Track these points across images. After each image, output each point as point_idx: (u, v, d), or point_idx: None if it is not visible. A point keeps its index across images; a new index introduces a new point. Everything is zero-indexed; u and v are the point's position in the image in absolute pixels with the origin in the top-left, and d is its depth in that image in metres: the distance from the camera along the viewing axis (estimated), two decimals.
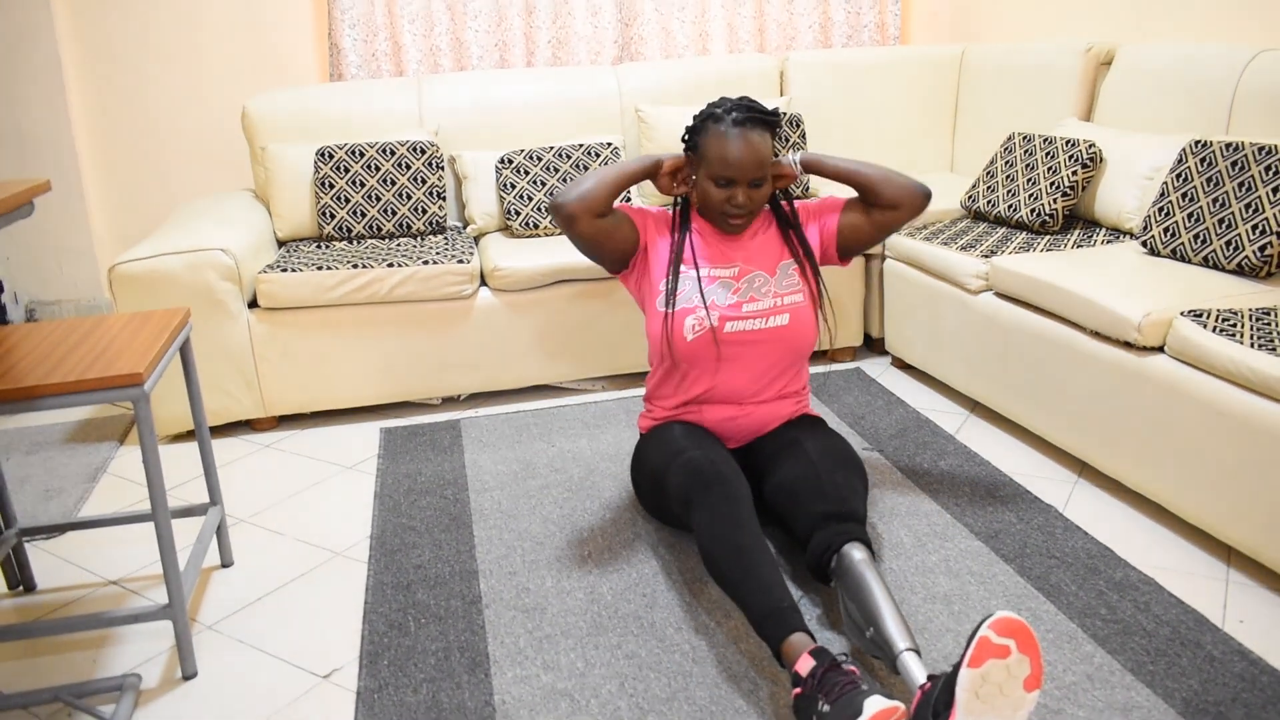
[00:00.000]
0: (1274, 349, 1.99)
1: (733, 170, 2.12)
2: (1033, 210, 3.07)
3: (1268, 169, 2.42)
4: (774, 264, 2.27)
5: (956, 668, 1.53)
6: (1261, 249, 2.39)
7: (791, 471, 2.13)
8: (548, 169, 3.52)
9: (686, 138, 2.24)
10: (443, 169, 3.53)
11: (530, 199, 3.47)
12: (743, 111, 2.13)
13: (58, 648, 2.07)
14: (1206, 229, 2.53)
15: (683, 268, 2.24)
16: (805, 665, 1.65)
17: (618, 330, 3.31)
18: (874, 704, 1.52)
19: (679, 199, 2.31)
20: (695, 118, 2.21)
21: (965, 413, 3.04)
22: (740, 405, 2.29)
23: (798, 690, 1.65)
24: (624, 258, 2.30)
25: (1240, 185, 2.47)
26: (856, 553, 1.87)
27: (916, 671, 1.64)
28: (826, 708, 1.58)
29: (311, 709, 1.84)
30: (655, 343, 2.26)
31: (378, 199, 3.43)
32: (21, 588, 2.31)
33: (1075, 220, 3.19)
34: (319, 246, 3.37)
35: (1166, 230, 2.64)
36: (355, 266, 3.06)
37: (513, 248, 3.27)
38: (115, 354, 1.83)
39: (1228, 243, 2.47)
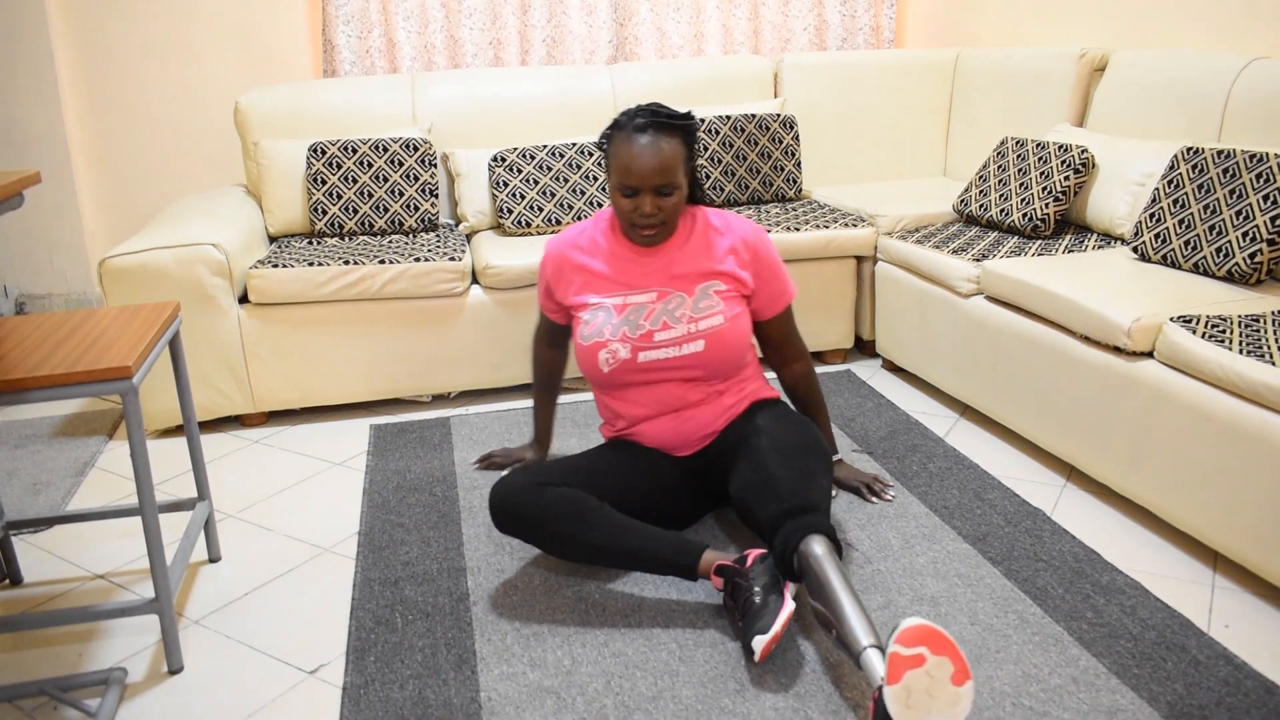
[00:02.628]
0: (1262, 355, 2.00)
1: (635, 178, 2.06)
2: (1025, 215, 3.08)
3: (1259, 176, 2.43)
4: (694, 284, 2.21)
5: (880, 689, 1.57)
6: (1251, 256, 2.40)
7: (743, 475, 2.10)
8: (541, 167, 3.52)
9: (597, 145, 2.21)
10: (435, 166, 3.52)
11: (523, 197, 3.47)
12: (645, 117, 2.08)
13: (44, 641, 2.07)
14: (1197, 235, 2.54)
15: (594, 298, 2.24)
16: (718, 583, 1.98)
17: None
18: (758, 642, 1.79)
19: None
20: (604, 131, 2.19)
21: (955, 416, 3.05)
22: (678, 413, 2.26)
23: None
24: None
25: (1231, 192, 2.49)
26: (816, 547, 1.85)
27: (877, 670, 1.65)
28: (741, 622, 1.90)
29: (298, 704, 1.84)
30: (583, 372, 2.31)
31: (370, 195, 3.43)
32: (8, 581, 2.30)
33: (1067, 225, 3.20)
34: (310, 242, 3.36)
35: (1157, 236, 2.65)
36: (347, 263, 3.05)
37: (505, 246, 3.27)
38: (104, 347, 1.82)
39: (1218, 249, 2.48)
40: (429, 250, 3.17)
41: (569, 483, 2.12)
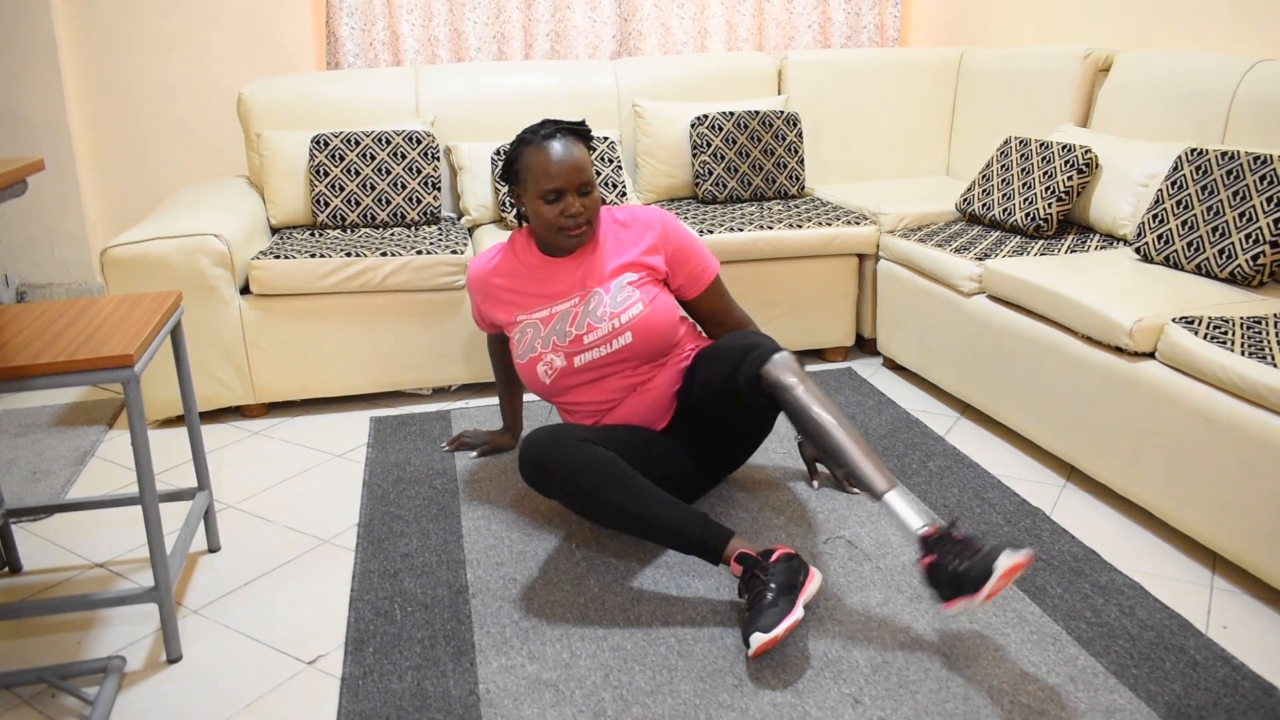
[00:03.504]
0: (1264, 357, 2.00)
1: (558, 180, 2.15)
2: (1027, 214, 3.08)
3: (1262, 178, 2.43)
4: (608, 281, 2.28)
5: (994, 553, 1.73)
6: (1254, 258, 2.40)
7: (696, 376, 2.23)
8: None
9: (502, 175, 2.28)
10: (438, 159, 3.52)
11: None
12: (551, 125, 2.19)
13: (43, 629, 2.07)
14: (1200, 237, 2.54)
15: (520, 315, 2.33)
16: (736, 570, 1.97)
17: None
18: (756, 639, 1.80)
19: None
20: (506, 153, 2.29)
21: (955, 415, 3.05)
22: (635, 393, 2.32)
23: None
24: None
25: (1235, 194, 2.48)
26: (782, 372, 2.02)
27: (909, 516, 1.85)
28: (746, 613, 1.94)
29: (296, 695, 1.84)
30: (530, 389, 2.39)
31: (372, 188, 3.43)
32: (7, 569, 2.30)
33: (1069, 225, 3.20)
34: (312, 234, 3.36)
35: (1160, 237, 2.65)
36: (349, 255, 3.05)
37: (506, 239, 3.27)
38: (106, 335, 1.82)
39: (1221, 251, 2.48)
40: (431, 243, 3.17)
41: (595, 439, 2.13)
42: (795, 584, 1.90)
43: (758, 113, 3.75)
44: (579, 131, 2.22)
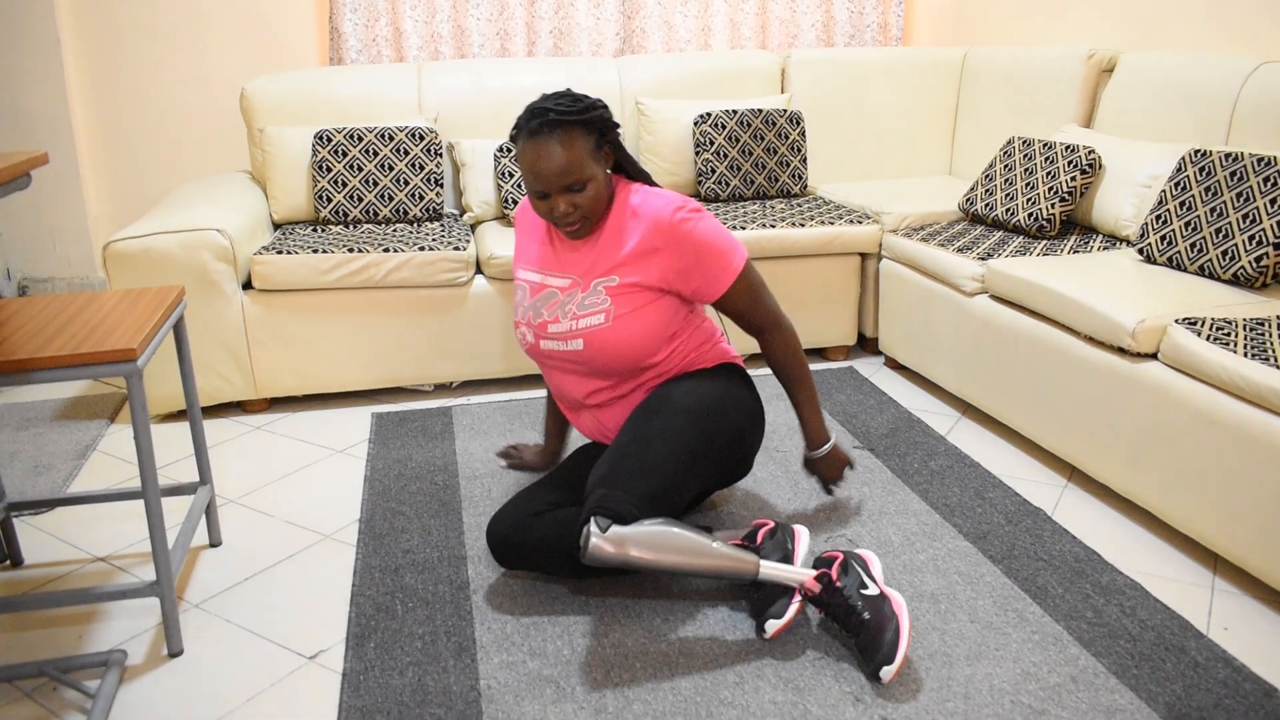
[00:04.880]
0: (1267, 358, 2.00)
1: (541, 182, 1.98)
2: (1030, 215, 3.08)
3: (1266, 180, 2.43)
4: (593, 278, 2.09)
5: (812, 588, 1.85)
6: (1257, 260, 2.40)
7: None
8: None
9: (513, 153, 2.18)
10: (441, 155, 3.52)
11: None
12: (539, 118, 1.97)
13: (44, 622, 2.07)
14: (1203, 238, 2.54)
15: (522, 271, 2.23)
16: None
17: None
18: (771, 625, 1.87)
19: None
20: (510, 132, 2.13)
21: (957, 414, 3.05)
22: (592, 412, 2.21)
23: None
24: None
25: (1238, 196, 2.48)
26: (607, 555, 1.79)
27: (790, 574, 1.88)
28: (755, 595, 1.98)
29: (297, 689, 1.84)
30: None
31: (375, 184, 3.43)
32: (9, 562, 2.30)
33: (1072, 226, 3.20)
34: (315, 230, 3.36)
35: (1163, 238, 2.65)
36: (351, 251, 3.05)
37: (509, 236, 3.27)
38: (109, 329, 1.82)
39: (1224, 252, 2.48)
40: (433, 239, 3.17)
41: (558, 501, 2.09)
42: (787, 555, 1.97)
43: (761, 111, 3.74)
44: (570, 120, 1.97)
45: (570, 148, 1.97)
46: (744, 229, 3.29)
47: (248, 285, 3.09)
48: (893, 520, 2.37)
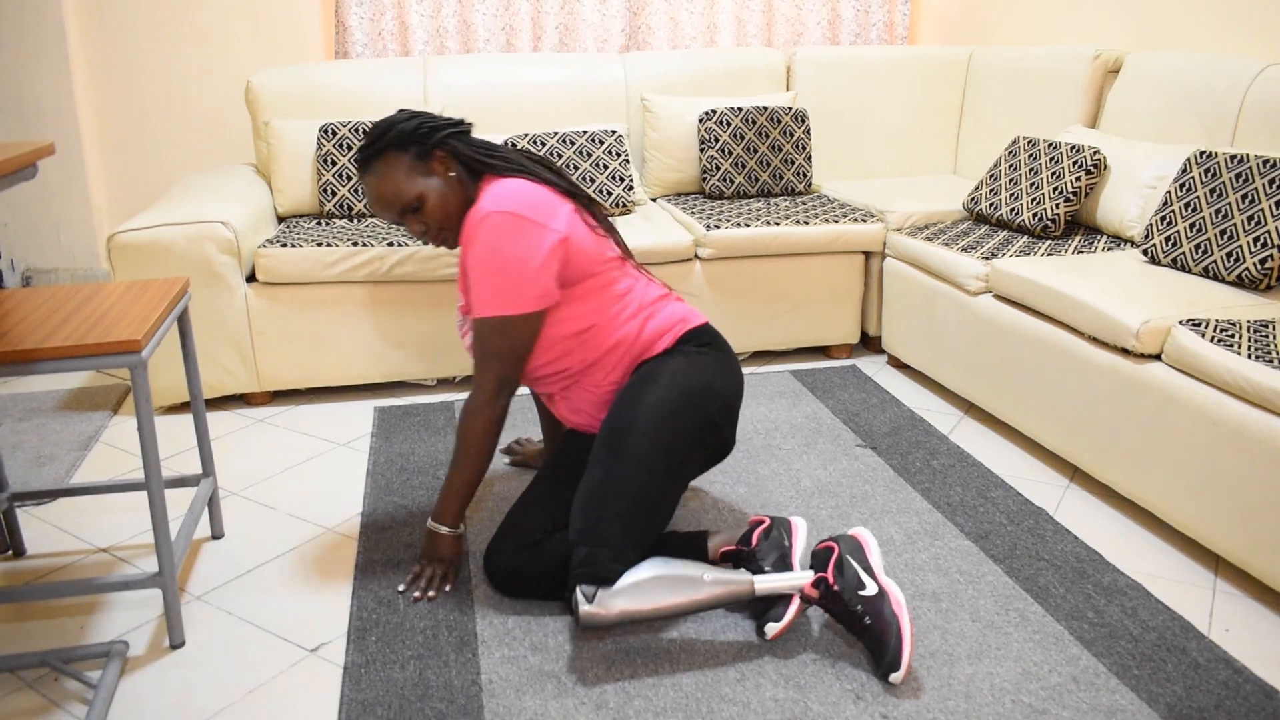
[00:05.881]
0: (1271, 360, 2.00)
1: (381, 215, 2.03)
2: (1035, 214, 3.07)
3: (1271, 182, 2.43)
4: (463, 288, 2.10)
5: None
6: (1262, 261, 2.40)
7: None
8: (551, 155, 3.51)
9: None
10: None
11: None
12: (358, 154, 2.02)
13: (46, 613, 2.07)
14: (1208, 240, 2.54)
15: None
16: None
17: None
18: (770, 629, 1.88)
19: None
20: None
21: (959, 414, 3.05)
22: (550, 404, 2.20)
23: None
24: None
25: (1243, 197, 2.48)
26: (601, 619, 1.78)
27: (787, 581, 1.85)
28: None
29: (298, 682, 1.84)
30: None
31: None
32: (11, 552, 2.30)
33: (1077, 226, 3.20)
34: (319, 223, 3.36)
35: (1168, 239, 2.64)
36: (355, 244, 3.05)
37: None
38: (113, 320, 1.82)
39: (1229, 254, 2.48)
40: None
41: (550, 527, 2.03)
42: (784, 553, 1.96)
43: (766, 108, 3.74)
44: (374, 151, 1.98)
45: (386, 177, 1.98)
46: (748, 226, 3.29)
47: (252, 278, 3.09)
48: (895, 519, 2.37)
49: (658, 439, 1.91)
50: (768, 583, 1.86)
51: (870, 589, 1.84)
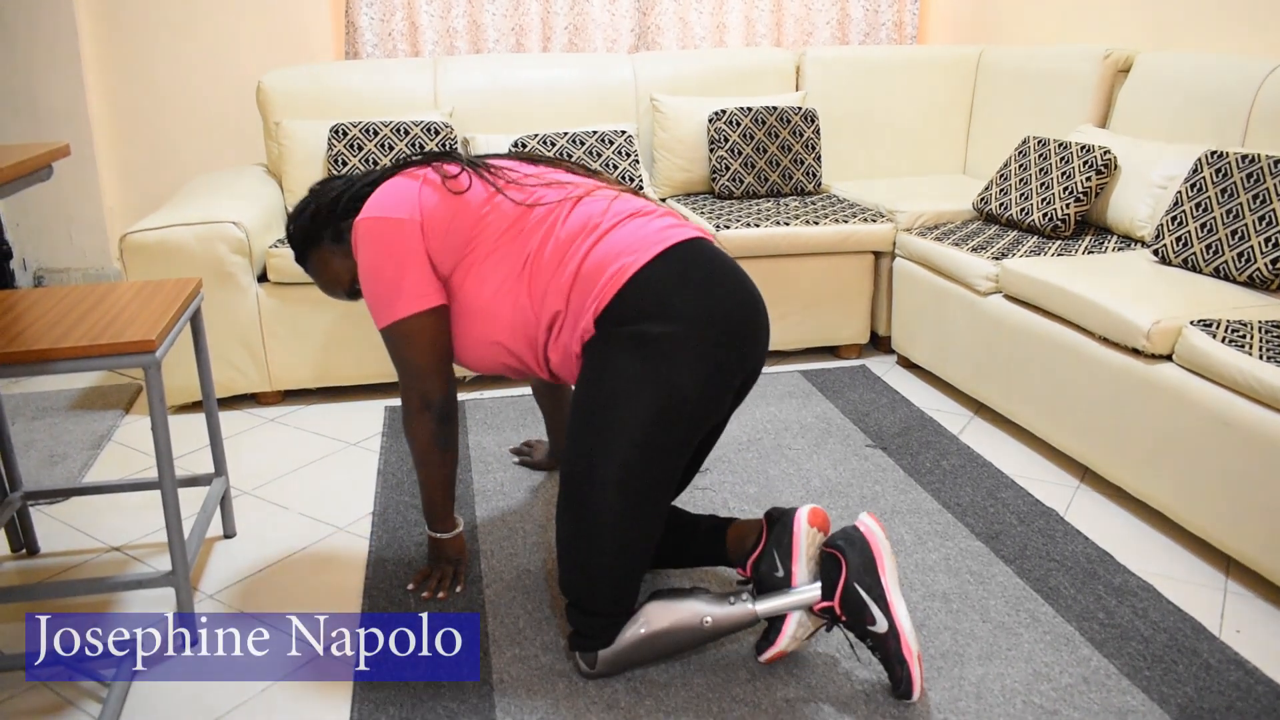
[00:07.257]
0: None
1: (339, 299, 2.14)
2: (1045, 214, 3.07)
3: None
4: None
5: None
6: (1274, 261, 2.39)
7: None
8: (561, 154, 3.52)
9: None
10: (456, 150, 3.52)
11: None
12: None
13: (59, 611, 2.08)
14: (1219, 240, 2.53)
15: None
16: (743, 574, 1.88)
17: None
18: (766, 655, 1.82)
19: None
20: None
21: (969, 414, 3.05)
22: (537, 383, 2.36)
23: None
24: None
25: (1255, 197, 2.48)
26: (581, 665, 1.80)
27: (798, 597, 1.77)
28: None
29: (311, 681, 1.85)
30: None
31: None
32: (25, 551, 2.32)
33: (1087, 226, 3.20)
34: None
35: (1179, 239, 2.64)
36: None
37: None
38: (127, 321, 1.83)
39: (1240, 254, 2.47)
40: None
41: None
42: (786, 572, 1.80)
43: (775, 108, 3.74)
44: (297, 255, 2.09)
45: (319, 273, 2.08)
46: (758, 226, 3.29)
47: (263, 278, 3.10)
48: (905, 519, 2.38)
49: (625, 483, 1.70)
50: (770, 607, 1.78)
51: (880, 624, 1.70)
